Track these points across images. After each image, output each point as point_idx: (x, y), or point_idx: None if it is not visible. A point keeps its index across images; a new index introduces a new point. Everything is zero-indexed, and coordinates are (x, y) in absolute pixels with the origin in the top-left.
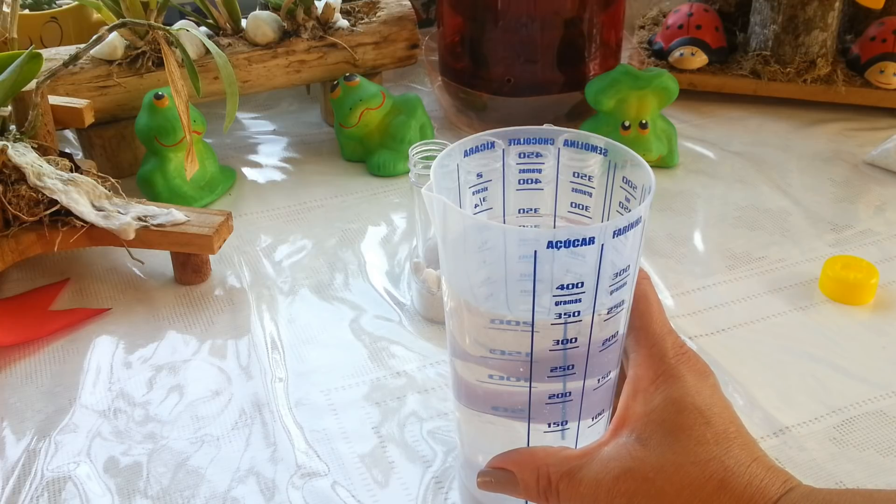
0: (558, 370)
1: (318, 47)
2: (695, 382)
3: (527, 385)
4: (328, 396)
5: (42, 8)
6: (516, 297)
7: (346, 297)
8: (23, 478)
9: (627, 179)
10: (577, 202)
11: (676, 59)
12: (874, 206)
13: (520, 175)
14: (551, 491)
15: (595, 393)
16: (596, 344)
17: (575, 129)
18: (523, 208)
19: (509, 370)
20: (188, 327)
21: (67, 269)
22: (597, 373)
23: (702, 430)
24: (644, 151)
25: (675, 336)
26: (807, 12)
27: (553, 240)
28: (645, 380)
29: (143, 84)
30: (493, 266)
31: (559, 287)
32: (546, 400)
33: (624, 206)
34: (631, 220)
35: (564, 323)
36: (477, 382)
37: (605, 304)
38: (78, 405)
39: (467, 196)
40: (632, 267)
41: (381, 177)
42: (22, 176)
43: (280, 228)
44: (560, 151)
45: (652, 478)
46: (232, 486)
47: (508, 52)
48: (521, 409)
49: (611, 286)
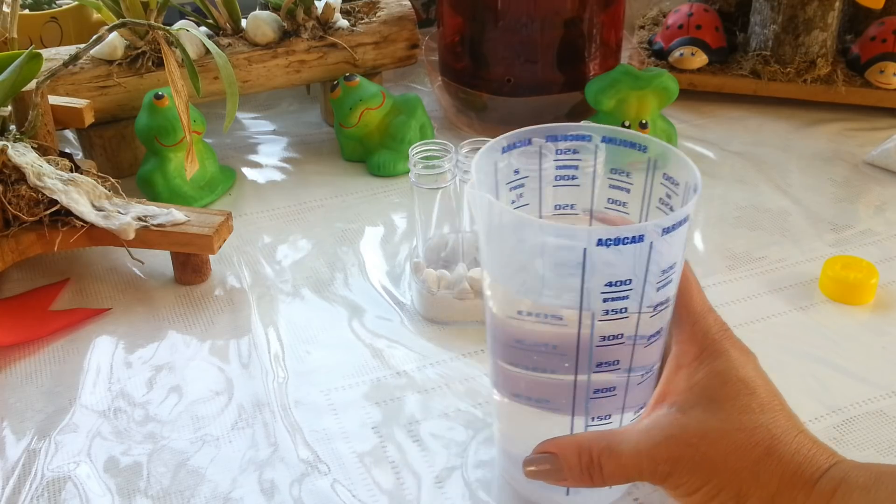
0: (603, 365)
1: (318, 47)
2: (738, 357)
3: (571, 379)
4: (328, 396)
5: (42, 8)
6: (564, 294)
7: (346, 296)
8: (23, 478)
9: (669, 176)
10: (614, 198)
11: (676, 59)
12: (874, 206)
13: (557, 171)
14: (594, 466)
15: (639, 387)
16: (641, 339)
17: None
18: (559, 204)
19: (554, 364)
20: (188, 327)
21: (67, 269)
22: (641, 367)
23: (746, 400)
24: None
25: (716, 314)
26: (807, 12)
27: (603, 237)
28: (688, 355)
29: (143, 84)
30: (540, 262)
31: (607, 284)
32: (590, 394)
33: (665, 203)
34: (679, 219)
35: (611, 319)
36: (520, 375)
37: (651, 300)
38: (78, 405)
39: (504, 192)
40: (678, 264)
41: (381, 177)
42: (22, 176)
43: (280, 228)
44: (598, 148)
45: (695, 443)
46: (232, 486)
47: (508, 52)
48: (565, 403)
49: (658, 283)
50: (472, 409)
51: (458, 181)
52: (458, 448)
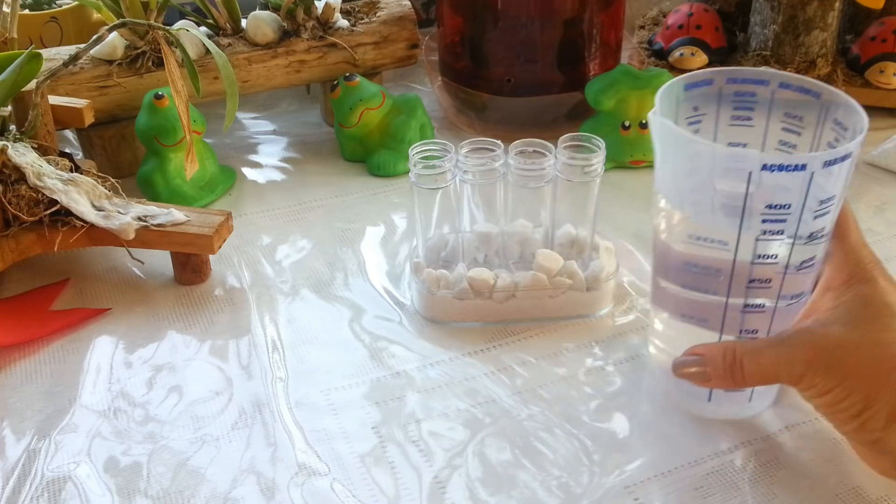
0: (755, 282)
1: (318, 47)
2: (887, 285)
3: (724, 297)
4: (328, 396)
5: (42, 8)
6: (727, 214)
7: (346, 296)
8: (23, 478)
9: (839, 121)
10: (785, 140)
11: (676, 59)
12: (874, 206)
13: (733, 112)
14: (735, 365)
15: (787, 309)
16: (794, 264)
17: (574, 130)
18: (732, 143)
19: (711, 285)
20: (188, 327)
21: (67, 269)
22: (791, 292)
23: (887, 320)
24: (644, 152)
25: (870, 249)
26: (807, 12)
27: (768, 163)
28: (837, 280)
29: (143, 84)
30: (708, 184)
31: (767, 206)
32: (740, 310)
33: (832, 146)
34: (841, 154)
35: (768, 240)
36: (677, 291)
37: (807, 228)
38: (78, 405)
39: (682, 126)
40: (836, 198)
41: (381, 177)
42: (22, 176)
43: (280, 228)
44: (774, 92)
45: (831, 349)
46: (232, 486)
47: (508, 52)
48: (716, 319)
49: (815, 212)
50: (472, 409)
51: (458, 181)
52: (458, 448)
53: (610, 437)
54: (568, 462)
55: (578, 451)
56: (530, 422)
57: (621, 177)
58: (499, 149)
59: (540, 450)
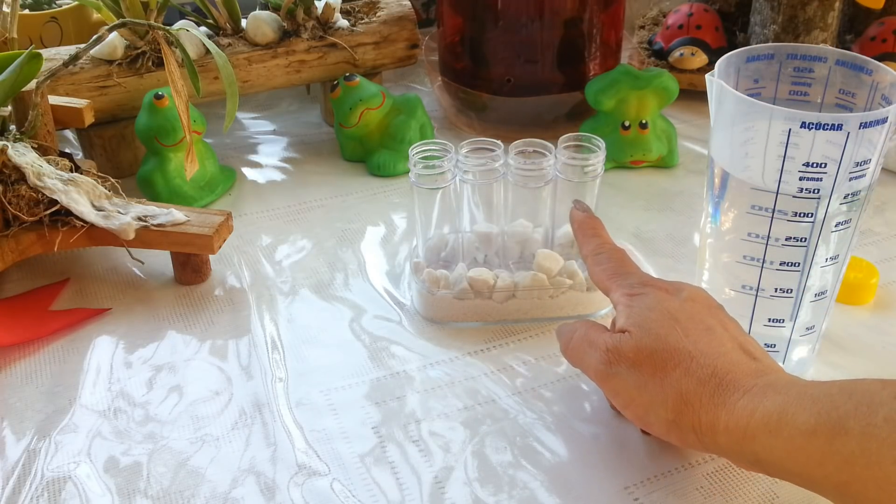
0: (791, 239)
1: (318, 47)
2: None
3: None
4: (328, 396)
5: (42, 8)
6: (770, 170)
7: (346, 296)
8: (23, 478)
9: (886, 97)
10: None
11: (676, 59)
12: (874, 206)
13: (791, 87)
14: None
15: (822, 269)
16: (830, 221)
17: (574, 130)
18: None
19: (752, 250)
20: (188, 327)
21: (67, 269)
22: (825, 251)
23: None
24: (644, 152)
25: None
26: (807, 12)
27: (807, 121)
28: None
29: (143, 84)
30: (755, 141)
31: (804, 164)
32: (777, 266)
33: None
34: (877, 117)
35: (805, 197)
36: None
37: (843, 188)
38: (78, 405)
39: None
40: (873, 161)
41: (381, 177)
42: (22, 176)
43: (280, 228)
44: (831, 70)
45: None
46: (232, 486)
47: (508, 52)
48: (753, 285)
49: (851, 173)
50: (472, 409)
51: (458, 181)
52: (459, 448)
53: (610, 438)
54: (568, 462)
55: (578, 451)
56: (530, 422)
57: (621, 177)
58: (499, 149)
59: (540, 450)
